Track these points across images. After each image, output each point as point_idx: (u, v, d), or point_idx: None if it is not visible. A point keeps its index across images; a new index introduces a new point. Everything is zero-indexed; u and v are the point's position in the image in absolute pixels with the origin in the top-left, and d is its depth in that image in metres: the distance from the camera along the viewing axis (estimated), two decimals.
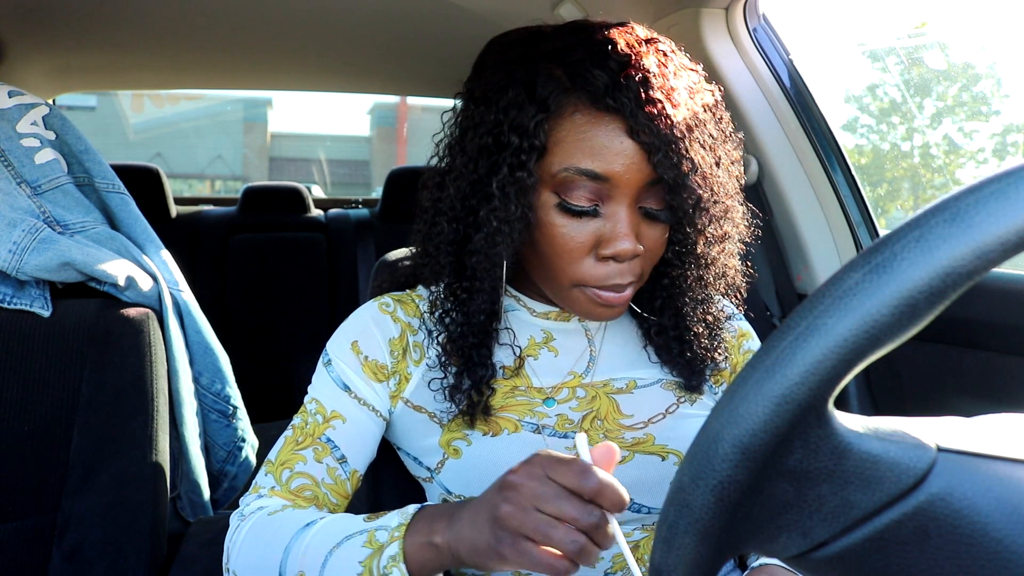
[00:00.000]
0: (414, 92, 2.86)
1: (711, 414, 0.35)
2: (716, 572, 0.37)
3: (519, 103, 0.72)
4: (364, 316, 0.85)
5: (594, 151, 0.70)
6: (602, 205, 0.73)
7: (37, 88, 2.12)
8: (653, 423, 0.82)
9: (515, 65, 0.74)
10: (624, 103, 0.69)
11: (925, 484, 0.34)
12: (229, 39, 1.96)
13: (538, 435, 0.79)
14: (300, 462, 0.78)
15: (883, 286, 0.31)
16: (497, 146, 0.73)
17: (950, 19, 2.64)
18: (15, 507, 0.96)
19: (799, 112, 1.37)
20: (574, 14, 1.51)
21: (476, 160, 0.75)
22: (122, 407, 1.00)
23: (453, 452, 0.80)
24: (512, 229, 0.73)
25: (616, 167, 0.70)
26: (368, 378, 0.81)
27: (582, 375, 0.83)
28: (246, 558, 0.73)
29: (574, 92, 0.71)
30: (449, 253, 0.79)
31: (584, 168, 0.71)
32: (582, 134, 0.71)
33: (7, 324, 0.99)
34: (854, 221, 1.38)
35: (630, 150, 0.70)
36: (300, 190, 3.05)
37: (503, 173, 0.72)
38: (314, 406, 0.81)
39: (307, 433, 0.79)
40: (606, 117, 0.70)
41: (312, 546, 0.68)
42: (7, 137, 1.05)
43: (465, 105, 0.78)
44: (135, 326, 1.03)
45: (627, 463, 0.80)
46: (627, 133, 0.70)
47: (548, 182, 0.73)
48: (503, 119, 0.73)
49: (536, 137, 0.71)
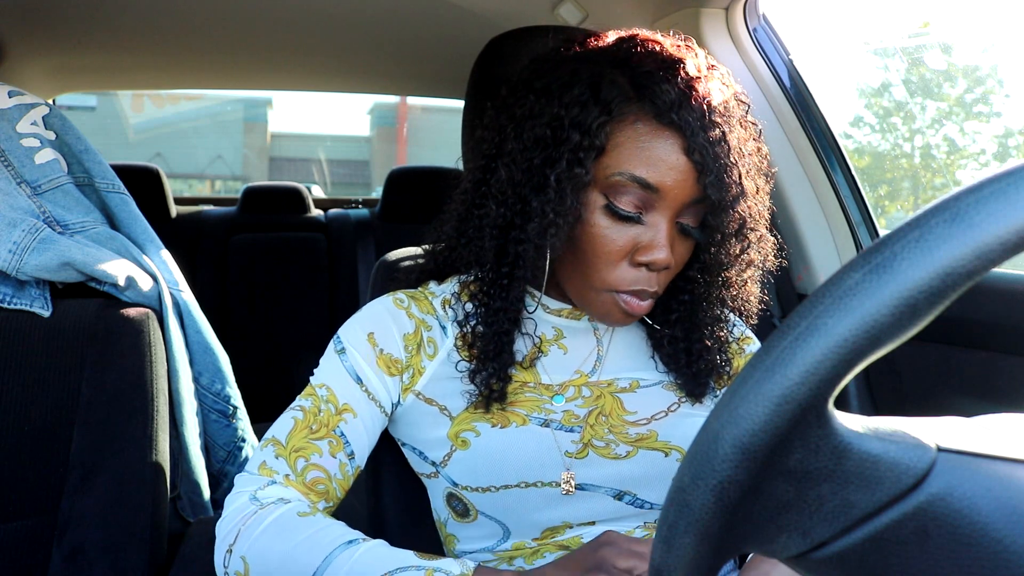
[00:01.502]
0: (414, 92, 2.86)
1: (711, 414, 0.35)
2: (716, 572, 0.37)
3: (583, 102, 0.74)
4: (380, 309, 0.85)
5: (650, 161, 0.73)
6: (645, 214, 0.75)
7: (37, 88, 2.12)
8: (656, 420, 0.83)
9: (580, 64, 0.77)
10: (688, 122, 0.72)
11: (925, 484, 0.34)
12: (229, 39, 1.95)
13: (546, 428, 0.81)
14: (316, 454, 0.78)
15: (883, 286, 0.31)
16: (555, 139, 0.75)
17: (953, 19, 2.64)
18: (15, 507, 0.96)
19: (799, 112, 1.37)
20: (574, 14, 1.51)
21: (531, 149, 0.76)
22: (122, 407, 1.00)
23: (461, 444, 0.81)
24: (565, 223, 0.75)
25: (667, 180, 0.73)
26: (381, 371, 0.82)
27: (588, 374, 0.85)
28: (266, 550, 0.73)
29: (637, 102, 0.73)
30: (494, 237, 0.80)
31: (638, 176, 0.73)
32: (641, 143, 0.73)
33: (7, 324, 0.99)
34: (854, 221, 1.38)
35: (684, 166, 0.73)
36: (300, 190, 3.05)
37: (561, 167, 0.74)
38: (325, 392, 0.81)
39: (321, 423, 0.80)
40: (667, 131, 0.73)
41: (361, 563, 0.70)
42: (7, 137, 1.05)
43: (523, 95, 0.79)
44: (135, 326, 1.03)
45: (631, 458, 0.82)
46: (684, 150, 0.73)
47: (599, 183, 0.75)
48: (564, 114, 0.75)
49: (597, 137, 0.73)
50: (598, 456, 0.81)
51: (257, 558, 0.73)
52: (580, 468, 0.81)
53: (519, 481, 0.79)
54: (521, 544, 0.82)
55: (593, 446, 0.81)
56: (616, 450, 0.81)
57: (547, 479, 0.80)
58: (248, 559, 0.73)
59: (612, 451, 0.81)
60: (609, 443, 0.82)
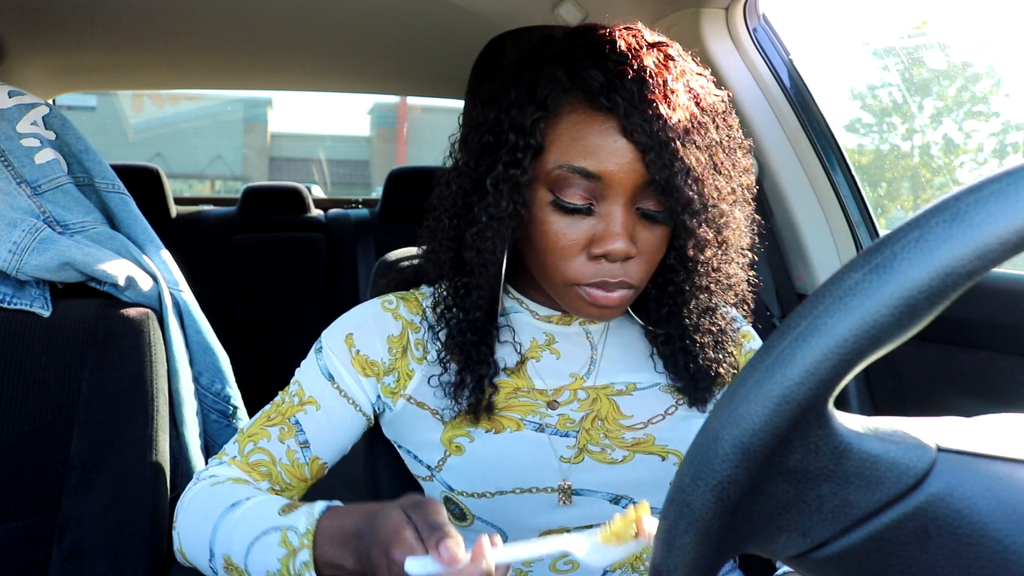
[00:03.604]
0: (414, 92, 2.86)
1: (711, 414, 0.35)
2: (716, 572, 0.37)
3: (520, 103, 0.73)
4: (364, 312, 0.86)
5: (588, 150, 0.71)
6: (596, 204, 0.73)
7: (37, 88, 2.12)
8: (653, 424, 0.82)
9: (521, 67, 0.76)
10: (618, 102, 0.69)
11: (925, 484, 0.34)
12: (229, 39, 1.95)
13: (541, 433, 0.80)
14: (264, 438, 0.80)
15: (883, 286, 0.31)
16: (497, 144, 0.75)
17: (951, 18, 2.64)
18: (15, 507, 0.96)
19: (799, 112, 1.37)
20: (574, 14, 1.51)
21: (478, 158, 0.77)
22: (122, 407, 1.00)
23: (455, 449, 0.80)
24: (502, 225, 0.74)
25: (609, 166, 0.71)
26: (355, 372, 0.82)
27: (584, 377, 0.84)
28: (187, 523, 0.77)
29: (572, 92, 0.72)
30: (450, 249, 0.80)
31: (577, 166, 0.71)
32: (577, 132, 0.71)
33: (7, 324, 0.99)
34: (854, 221, 1.38)
35: (624, 149, 0.70)
36: (300, 190, 3.05)
37: (498, 170, 0.74)
38: (295, 387, 0.83)
39: (280, 411, 0.82)
40: (600, 116, 0.71)
41: (236, 531, 0.71)
42: (7, 137, 1.05)
43: (472, 105, 0.81)
44: (135, 326, 1.03)
45: (627, 463, 0.80)
46: (621, 132, 0.70)
47: (544, 180, 0.74)
48: (504, 118, 0.74)
49: (532, 135, 0.72)
50: (594, 461, 0.80)
51: (185, 532, 0.77)
52: (576, 473, 0.80)
53: (515, 487, 0.79)
54: None
55: (589, 451, 0.80)
56: (612, 455, 0.80)
57: (543, 485, 0.79)
58: (181, 535, 0.77)
59: (608, 456, 0.80)
60: (605, 448, 0.81)
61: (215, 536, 0.73)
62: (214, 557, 0.73)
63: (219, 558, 0.72)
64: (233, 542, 0.71)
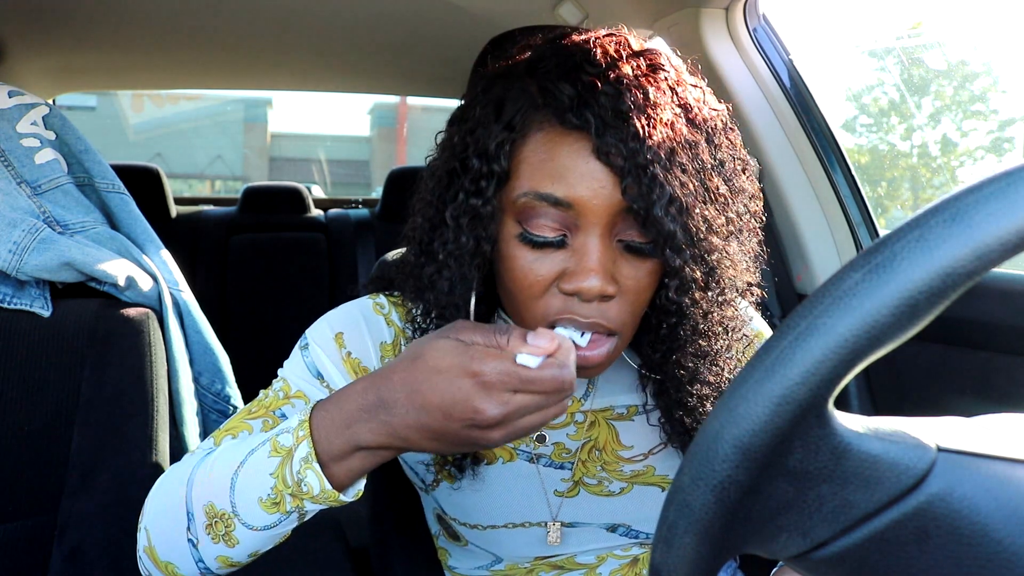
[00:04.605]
0: (414, 92, 2.86)
1: (711, 414, 0.35)
2: (716, 572, 0.37)
3: (485, 123, 0.64)
4: (354, 311, 0.78)
5: (556, 174, 0.61)
6: (570, 236, 0.63)
7: (37, 88, 2.12)
8: (653, 454, 0.78)
9: (493, 81, 0.67)
10: (588, 119, 0.59)
11: (925, 484, 0.34)
12: (229, 39, 1.96)
13: (532, 464, 0.77)
14: (245, 431, 0.70)
15: (883, 286, 0.31)
16: (463, 170, 0.66)
17: (945, 18, 2.64)
18: (15, 507, 0.96)
19: (799, 112, 1.37)
20: (574, 14, 1.51)
21: (445, 187, 0.68)
22: (122, 407, 1.00)
23: (447, 475, 0.78)
24: (462, 264, 0.65)
25: (581, 192, 0.60)
26: (347, 373, 0.74)
27: (581, 400, 0.78)
28: (154, 508, 0.66)
29: (542, 109, 0.62)
30: (413, 288, 0.72)
31: (544, 193, 0.61)
32: (545, 155, 0.62)
33: (7, 324, 0.99)
34: (854, 221, 1.38)
35: (598, 173, 0.60)
36: (300, 190, 3.05)
37: (458, 200, 0.65)
38: (279, 384, 0.74)
39: (264, 405, 0.72)
40: (571, 136, 0.61)
41: (216, 470, 0.61)
42: (7, 137, 1.05)
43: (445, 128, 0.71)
44: (135, 326, 1.03)
45: (626, 494, 0.78)
46: (594, 153, 0.60)
47: (511, 210, 0.64)
48: (469, 140, 0.65)
49: (496, 161, 0.63)
50: (590, 494, 0.77)
51: (153, 520, 0.66)
52: (570, 507, 0.77)
53: (506, 522, 0.77)
54: (515, 566, 0.82)
55: (584, 484, 0.77)
56: (609, 487, 0.77)
57: (534, 520, 0.77)
58: (149, 528, 0.66)
59: (605, 488, 0.77)
60: (602, 480, 0.77)
61: (190, 492, 0.62)
62: (193, 520, 0.61)
63: (199, 517, 0.61)
64: (214, 484, 0.61)
